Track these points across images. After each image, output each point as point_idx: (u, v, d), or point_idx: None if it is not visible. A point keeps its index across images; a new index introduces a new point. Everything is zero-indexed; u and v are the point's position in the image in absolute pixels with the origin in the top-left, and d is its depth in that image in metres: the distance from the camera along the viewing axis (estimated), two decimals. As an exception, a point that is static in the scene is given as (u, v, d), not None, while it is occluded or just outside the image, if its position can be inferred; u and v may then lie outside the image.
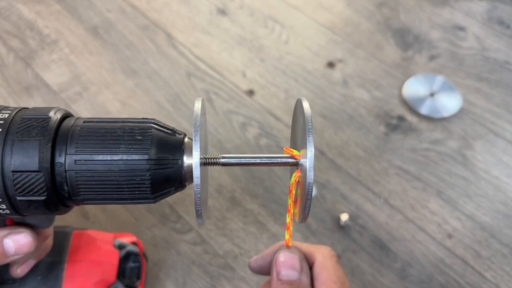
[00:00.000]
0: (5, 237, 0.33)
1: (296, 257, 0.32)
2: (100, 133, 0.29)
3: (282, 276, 0.32)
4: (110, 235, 0.49)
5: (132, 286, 0.47)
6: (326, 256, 0.33)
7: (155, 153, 0.28)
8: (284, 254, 0.33)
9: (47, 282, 0.43)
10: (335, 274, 0.32)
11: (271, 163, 0.31)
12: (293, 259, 0.32)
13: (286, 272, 0.32)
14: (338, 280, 0.32)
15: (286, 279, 0.32)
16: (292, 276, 0.32)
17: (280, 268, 0.32)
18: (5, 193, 0.27)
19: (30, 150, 0.27)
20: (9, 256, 0.34)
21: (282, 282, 0.32)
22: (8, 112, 0.29)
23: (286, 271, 0.32)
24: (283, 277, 0.32)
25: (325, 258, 0.33)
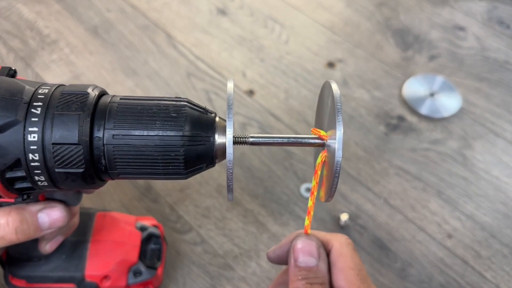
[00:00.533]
0: (39, 212, 0.34)
1: (313, 244, 0.33)
2: (137, 109, 0.30)
3: (300, 263, 0.32)
4: (132, 217, 0.50)
5: (153, 267, 0.48)
6: (343, 243, 0.33)
7: (189, 130, 0.29)
8: (302, 241, 0.33)
9: (71, 261, 0.44)
10: (353, 261, 0.32)
11: (298, 143, 0.32)
12: (311, 245, 0.33)
13: (304, 258, 0.32)
14: (356, 267, 0.32)
15: (304, 265, 0.32)
16: (310, 263, 0.32)
17: (297, 255, 0.32)
18: (45, 165, 0.28)
19: (70, 124, 0.28)
20: (43, 230, 0.35)
21: (300, 269, 0.32)
22: (47, 87, 0.30)
23: (304, 257, 0.32)
24: (301, 264, 0.32)
25: (342, 246, 0.33)
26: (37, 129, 0.28)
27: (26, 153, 0.28)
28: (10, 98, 0.28)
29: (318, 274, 0.32)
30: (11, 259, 0.44)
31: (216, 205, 0.59)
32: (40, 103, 0.29)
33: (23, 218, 0.33)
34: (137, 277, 0.47)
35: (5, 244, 0.34)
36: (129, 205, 0.59)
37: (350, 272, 0.32)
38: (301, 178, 0.62)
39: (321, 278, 0.32)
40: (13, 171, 0.29)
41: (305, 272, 0.32)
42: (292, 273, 0.32)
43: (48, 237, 0.40)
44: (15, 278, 0.44)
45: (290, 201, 0.60)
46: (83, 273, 0.44)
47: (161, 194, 0.60)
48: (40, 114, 0.28)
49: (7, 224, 0.33)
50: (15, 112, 0.28)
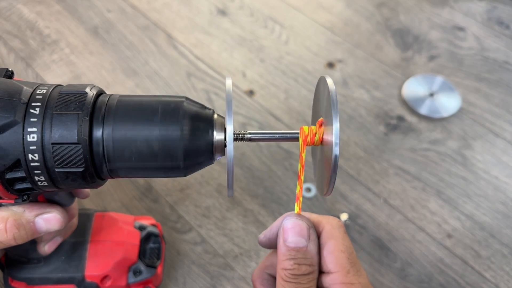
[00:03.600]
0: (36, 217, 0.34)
1: (304, 224, 0.32)
2: (135, 107, 0.30)
3: (289, 243, 0.31)
4: (130, 217, 0.50)
5: (153, 266, 0.48)
6: (334, 225, 0.33)
7: (187, 126, 0.29)
8: (291, 220, 0.32)
9: (70, 262, 0.44)
10: (343, 243, 0.32)
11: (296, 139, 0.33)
12: (301, 225, 0.32)
13: (294, 238, 0.31)
14: (346, 249, 0.32)
15: (293, 245, 0.31)
16: (300, 243, 0.31)
17: (287, 235, 0.31)
18: (45, 165, 0.29)
19: (69, 123, 0.28)
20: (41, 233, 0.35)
21: (289, 249, 0.31)
22: (45, 88, 0.30)
23: (294, 237, 0.31)
24: (290, 244, 0.31)
25: (333, 228, 0.32)
26: (36, 129, 0.28)
27: (25, 154, 0.28)
28: (8, 99, 0.28)
29: (307, 255, 0.31)
30: (11, 261, 0.44)
31: (216, 205, 0.60)
32: (38, 103, 0.29)
33: (20, 224, 0.33)
34: (137, 276, 0.47)
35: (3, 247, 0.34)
36: (129, 205, 0.59)
37: (341, 255, 0.31)
38: (301, 178, 0.62)
39: (309, 260, 0.31)
40: (13, 172, 0.29)
41: (294, 252, 0.31)
42: (280, 253, 0.31)
43: (46, 238, 0.40)
44: (15, 281, 0.44)
45: (290, 201, 0.60)
46: (83, 273, 0.44)
47: (161, 194, 0.60)
48: (39, 115, 0.28)
49: (5, 230, 0.33)
50: (13, 113, 0.28)
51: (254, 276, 0.37)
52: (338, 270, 0.31)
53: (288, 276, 0.30)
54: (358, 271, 0.31)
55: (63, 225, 0.36)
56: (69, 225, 0.42)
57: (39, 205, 0.35)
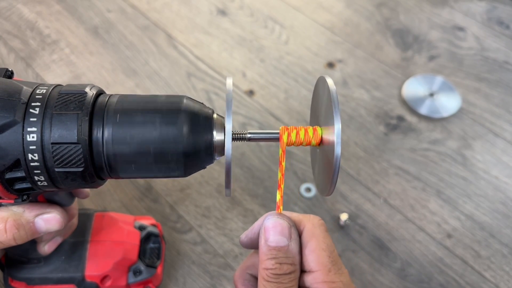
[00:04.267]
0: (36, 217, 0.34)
1: (285, 223, 0.32)
2: (135, 107, 0.30)
3: (271, 242, 0.31)
4: (130, 217, 0.50)
5: (153, 266, 0.48)
6: (316, 224, 0.33)
7: (188, 125, 0.29)
8: (273, 220, 0.32)
9: (70, 262, 0.44)
10: (324, 242, 0.32)
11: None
12: (282, 224, 0.31)
13: (275, 238, 0.31)
14: (327, 248, 0.32)
15: (274, 245, 0.31)
16: (281, 242, 0.31)
17: (268, 234, 0.31)
18: (44, 165, 0.29)
19: (69, 123, 0.28)
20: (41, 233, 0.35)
21: (270, 248, 0.31)
22: (45, 88, 0.30)
23: (275, 236, 0.31)
24: (271, 243, 0.31)
25: (314, 226, 0.32)
26: (36, 129, 0.28)
27: (25, 154, 0.28)
28: (8, 99, 0.28)
29: (288, 254, 0.31)
30: (11, 261, 0.44)
31: (216, 205, 0.60)
32: (38, 103, 0.29)
33: (20, 224, 0.33)
34: (137, 276, 0.47)
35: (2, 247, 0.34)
36: (129, 205, 0.59)
37: (322, 254, 0.31)
38: (301, 178, 0.62)
39: (291, 259, 0.31)
40: (12, 171, 0.29)
41: (275, 251, 0.31)
42: (262, 252, 0.31)
43: (46, 238, 0.40)
44: (15, 281, 0.44)
45: (290, 201, 0.60)
46: (83, 273, 0.44)
47: (162, 194, 0.60)
48: (39, 114, 0.28)
49: (4, 231, 0.33)
50: (13, 113, 0.28)
51: (235, 277, 0.37)
52: (319, 269, 0.31)
53: (270, 275, 0.30)
54: (339, 269, 0.31)
55: (63, 225, 0.36)
56: (69, 225, 0.42)
57: (39, 205, 0.35)
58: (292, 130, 0.32)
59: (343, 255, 0.56)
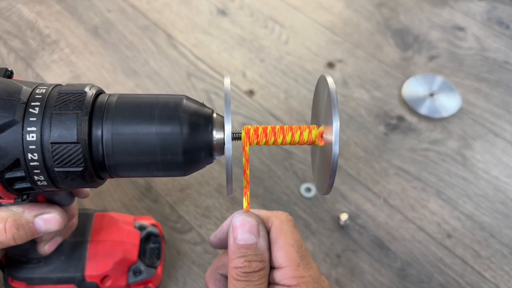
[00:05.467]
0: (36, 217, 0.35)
1: (253, 221, 0.32)
2: (135, 107, 0.30)
3: (239, 241, 0.31)
4: (130, 217, 0.50)
5: (153, 266, 0.48)
6: (283, 220, 0.33)
7: (187, 125, 0.29)
8: (240, 218, 0.32)
9: (70, 262, 0.44)
10: (292, 237, 0.32)
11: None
12: (250, 223, 0.32)
13: (243, 236, 0.31)
14: (295, 243, 0.32)
15: (243, 243, 0.31)
16: (249, 240, 0.31)
17: (236, 233, 0.31)
18: (44, 165, 0.29)
19: (68, 123, 0.28)
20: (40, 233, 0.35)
21: (239, 247, 0.31)
22: (44, 87, 0.30)
23: (243, 235, 0.31)
24: (240, 241, 0.31)
25: (282, 223, 0.33)
26: (36, 129, 0.28)
27: (25, 153, 0.28)
28: (7, 99, 0.28)
29: (257, 252, 0.31)
30: (11, 261, 0.44)
31: (216, 205, 0.60)
32: (37, 103, 0.29)
33: (20, 224, 0.33)
34: (137, 276, 0.47)
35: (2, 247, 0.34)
36: (129, 205, 0.59)
37: (290, 249, 0.31)
38: (301, 178, 0.62)
39: (260, 256, 0.31)
40: (12, 171, 0.29)
41: (244, 249, 0.31)
42: (231, 251, 0.31)
43: (46, 238, 0.40)
44: (15, 281, 0.44)
45: (290, 201, 0.60)
46: (83, 273, 0.44)
47: (162, 194, 0.60)
48: (38, 114, 0.28)
49: (4, 231, 0.33)
50: (13, 112, 0.28)
51: (206, 277, 0.37)
52: (288, 265, 0.31)
53: (239, 274, 0.30)
54: (308, 264, 0.31)
55: (63, 226, 0.36)
56: (69, 225, 0.42)
57: (39, 205, 0.35)
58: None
59: (343, 255, 0.56)
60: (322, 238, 0.57)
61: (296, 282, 0.30)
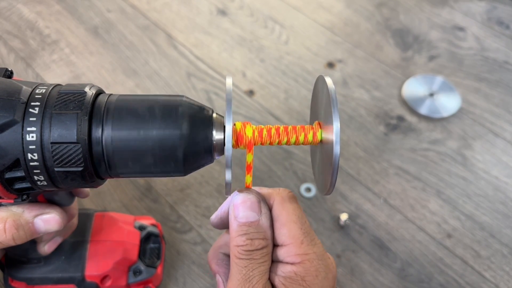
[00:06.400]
0: (35, 217, 0.34)
1: (254, 198, 0.31)
2: (135, 107, 0.30)
3: (240, 218, 0.30)
4: (130, 217, 0.50)
5: (153, 266, 0.48)
6: (285, 197, 0.32)
7: (186, 125, 0.29)
8: (241, 196, 0.31)
9: (70, 261, 0.44)
10: (295, 214, 0.31)
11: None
12: (251, 199, 0.31)
13: (244, 213, 0.30)
14: (298, 220, 0.31)
15: (244, 220, 0.30)
16: (251, 217, 0.30)
17: (237, 210, 0.31)
18: (44, 165, 0.29)
19: (68, 123, 0.28)
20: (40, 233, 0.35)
21: (240, 225, 0.30)
22: (44, 87, 0.30)
23: (244, 212, 0.30)
24: (241, 219, 0.30)
25: (284, 199, 0.32)
26: (36, 129, 0.28)
27: (25, 153, 0.28)
28: (7, 99, 0.28)
29: (259, 229, 0.30)
30: (11, 261, 0.44)
31: (216, 205, 0.60)
32: (37, 102, 0.29)
33: (19, 224, 0.33)
34: (137, 276, 0.47)
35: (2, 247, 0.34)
36: (129, 205, 0.59)
37: (293, 226, 0.30)
38: (301, 178, 0.62)
39: (262, 233, 0.30)
40: (12, 171, 0.29)
41: (245, 227, 0.30)
42: (232, 230, 0.31)
43: (46, 238, 0.40)
44: (15, 281, 0.44)
45: (290, 201, 0.60)
46: (83, 273, 0.44)
47: (162, 194, 0.60)
48: (38, 114, 0.28)
49: (4, 231, 0.33)
50: (13, 112, 0.28)
51: (209, 257, 0.37)
52: (291, 242, 0.30)
53: (242, 252, 0.30)
54: (312, 240, 0.31)
55: (62, 226, 0.36)
56: (69, 225, 0.42)
57: (39, 206, 0.35)
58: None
59: (343, 255, 0.56)
60: (322, 238, 0.57)
61: (300, 259, 0.30)
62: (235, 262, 0.30)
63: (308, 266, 0.30)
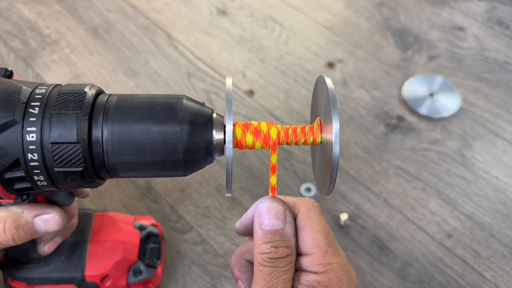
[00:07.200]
0: (35, 217, 0.34)
1: (279, 206, 0.31)
2: (135, 107, 0.30)
3: (265, 226, 0.30)
4: (130, 217, 0.50)
5: (153, 266, 0.48)
6: (310, 206, 0.32)
7: (187, 126, 0.29)
8: (266, 203, 0.31)
9: (70, 262, 0.44)
10: (320, 224, 0.31)
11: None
12: (276, 208, 0.31)
13: (270, 221, 0.30)
14: (323, 230, 0.31)
15: (269, 228, 0.30)
16: (276, 226, 0.30)
17: (263, 218, 0.31)
18: (44, 165, 0.29)
19: (68, 123, 0.28)
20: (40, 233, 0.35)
21: (265, 232, 0.30)
22: (44, 87, 0.30)
23: (270, 220, 0.30)
24: (266, 227, 0.30)
25: (309, 209, 0.32)
26: (35, 129, 0.28)
27: (25, 153, 0.28)
28: (7, 99, 0.28)
29: (284, 238, 0.30)
30: (11, 261, 0.44)
31: (216, 205, 0.60)
32: (37, 103, 0.29)
33: (19, 225, 0.33)
34: (137, 276, 0.47)
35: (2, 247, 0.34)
36: (129, 205, 0.59)
37: (317, 236, 0.31)
38: (301, 178, 0.62)
39: (287, 242, 0.30)
40: (12, 171, 0.29)
41: (270, 235, 0.30)
42: (257, 237, 0.31)
43: (46, 238, 0.40)
44: (15, 281, 0.44)
45: (290, 201, 0.60)
46: (83, 273, 0.44)
47: (162, 194, 0.60)
48: (38, 114, 0.28)
49: (3, 231, 0.33)
50: (13, 112, 0.28)
51: (232, 263, 0.37)
52: (315, 251, 0.30)
53: (266, 259, 0.30)
54: (335, 251, 0.31)
55: (62, 226, 0.36)
56: (69, 225, 0.42)
57: (38, 206, 0.35)
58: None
59: (343, 255, 0.56)
60: (322, 238, 0.57)
61: (324, 269, 0.30)
62: (259, 269, 0.30)
63: (332, 276, 0.30)
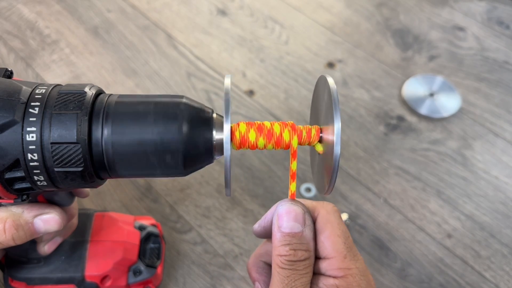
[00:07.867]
0: (35, 218, 0.34)
1: (299, 209, 0.31)
2: (135, 107, 0.30)
3: (284, 228, 0.30)
4: (130, 217, 0.50)
5: (153, 266, 0.48)
6: (330, 210, 0.32)
7: (187, 125, 0.29)
8: (286, 206, 0.31)
9: (70, 262, 0.44)
10: (339, 228, 0.31)
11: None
12: (296, 211, 0.31)
13: (289, 224, 0.30)
14: (342, 234, 0.31)
15: (288, 231, 0.30)
16: (295, 228, 0.30)
17: (282, 220, 0.31)
18: (44, 165, 0.28)
19: (68, 123, 0.28)
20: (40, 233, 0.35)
21: (284, 235, 0.30)
22: (44, 88, 0.30)
23: (289, 223, 0.30)
24: (285, 229, 0.30)
25: (328, 213, 0.32)
26: (35, 129, 0.28)
27: (25, 153, 0.28)
28: (7, 99, 0.28)
29: (303, 241, 0.30)
30: (11, 261, 0.44)
31: (216, 205, 0.60)
32: (37, 103, 0.29)
33: (19, 225, 0.33)
34: (137, 276, 0.47)
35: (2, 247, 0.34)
36: (129, 205, 0.59)
37: (337, 240, 0.31)
38: (301, 178, 0.62)
39: (305, 245, 0.30)
40: (12, 171, 0.29)
41: (289, 238, 0.30)
42: (275, 239, 0.30)
43: (46, 239, 0.40)
44: (15, 281, 0.44)
45: (290, 201, 0.60)
46: (83, 273, 0.44)
47: (162, 194, 0.60)
48: (38, 114, 0.28)
49: (3, 231, 0.33)
50: (13, 113, 0.28)
51: (249, 265, 0.37)
52: (334, 256, 0.30)
53: (284, 262, 0.30)
54: (354, 256, 0.31)
55: (62, 226, 0.36)
56: (69, 225, 0.42)
57: (38, 206, 0.35)
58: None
59: (343, 255, 0.56)
60: (322, 238, 0.57)
61: (343, 273, 0.30)
62: (277, 271, 0.30)
63: (351, 281, 0.30)
